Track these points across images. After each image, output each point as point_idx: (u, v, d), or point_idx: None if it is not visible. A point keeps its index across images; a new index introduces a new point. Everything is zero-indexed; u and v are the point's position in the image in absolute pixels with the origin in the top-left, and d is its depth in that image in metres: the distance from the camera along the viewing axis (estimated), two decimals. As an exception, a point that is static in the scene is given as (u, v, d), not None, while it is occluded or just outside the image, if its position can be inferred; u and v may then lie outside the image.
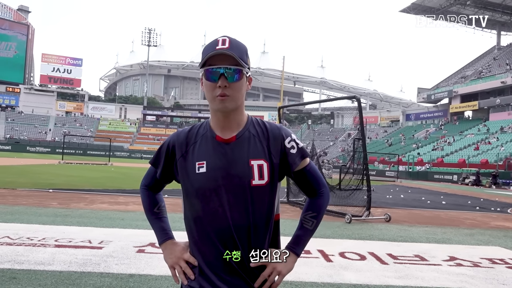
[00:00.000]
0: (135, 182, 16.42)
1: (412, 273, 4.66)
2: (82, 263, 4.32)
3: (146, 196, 1.61)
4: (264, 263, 1.40)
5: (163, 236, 1.55)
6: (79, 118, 79.94)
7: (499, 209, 13.40)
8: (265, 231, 1.45)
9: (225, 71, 1.36)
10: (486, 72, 58.58)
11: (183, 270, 1.46)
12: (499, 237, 7.76)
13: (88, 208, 8.52)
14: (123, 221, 7.20)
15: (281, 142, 1.46)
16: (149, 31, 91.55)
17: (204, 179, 1.41)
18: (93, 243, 5.27)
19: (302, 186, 1.55)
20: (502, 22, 62.53)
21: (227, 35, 1.42)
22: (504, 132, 47.34)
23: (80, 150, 59.91)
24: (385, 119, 78.55)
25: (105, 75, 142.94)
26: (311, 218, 1.51)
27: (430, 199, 16.08)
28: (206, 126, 1.49)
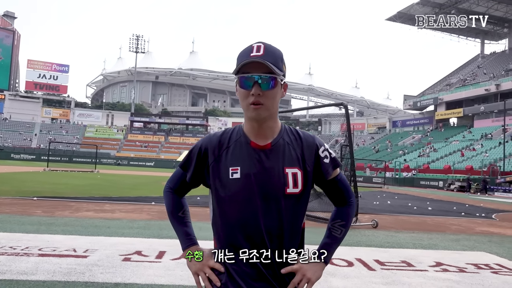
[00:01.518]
0: (121, 189, 16.25)
1: (399, 279, 4.68)
2: (66, 272, 4.24)
3: (171, 199, 1.58)
4: (294, 270, 1.40)
5: (187, 242, 1.52)
6: (65, 125, 79.01)
7: (484, 215, 13.56)
8: (295, 239, 1.45)
9: (259, 79, 1.35)
10: (471, 80, 59.61)
11: (208, 276, 1.43)
12: (484, 242, 7.85)
13: (73, 216, 8.39)
14: (109, 229, 7.10)
15: (315, 151, 1.47)
16: (137, 37, 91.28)
17: (238, 185, 1.39)
18: (78, 251, 5.19)
19: (332, 195, 1.56)
20: (485, 31, 63.80)
21: (262, 41, 1.40)
22: (488, 139, 48.12)
23: (65, 157, 59.15)
24: (372, 126, 79.26)
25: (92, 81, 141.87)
26: (340, 226, 1.52)
27: (417, 205, 16.22)
28: (239, 132, 1.48)
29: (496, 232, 9.57)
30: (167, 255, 5.24)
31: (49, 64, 79.76)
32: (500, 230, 9.98)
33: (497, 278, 5.00)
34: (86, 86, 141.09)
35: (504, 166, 35.08)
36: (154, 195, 14.34)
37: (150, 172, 40.24)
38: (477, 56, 67.81)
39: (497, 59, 61.83)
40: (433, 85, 69.63)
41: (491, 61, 63.03)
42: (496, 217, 13.12)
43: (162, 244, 5.92)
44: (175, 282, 4.10)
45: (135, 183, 21.44)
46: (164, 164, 61.49)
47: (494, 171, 35.47)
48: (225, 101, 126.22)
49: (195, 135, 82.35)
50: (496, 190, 31.14)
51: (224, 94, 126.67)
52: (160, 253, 5.34)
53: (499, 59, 61.09)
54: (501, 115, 43.68)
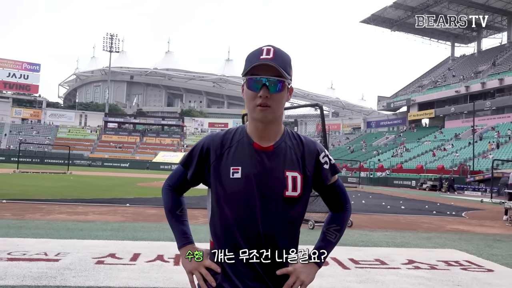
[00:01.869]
0: (95, 191, 15.94)
1: (373, 277, 4.76)
2: (37, 276, 4.14)
3: (170, 197, 1.57)
4: (288, 272, 1.41)
5: (184, 240, 1.51)
6: (36, 125, 76.93)
7: (454, 213, 13.95)
8: (291, 242, 1.46)
9: (267, 82, 1.36)
10: (442, 82, 61.22)
11: (203, 276, 1.42)
12: (454, 240, 8.07)
13: (45, 219, 8.18)
14: (81, 231, 6.96)
15: (316, 156, 1.49)
16: (111, 36, 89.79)
17: (238, 184, 1.40)
18: (49, 255, 5.06)
19: (328, 200, 1.58)
20: (455, 34, 65.63)
21: (272, 45, 1.41)
22: (459, 139, 49.51)
23: (37, 158, 57.60)
24: (347, 126, 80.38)
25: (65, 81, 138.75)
26: (334, 231, 1.55)
27: (390, 204, 16.54)
28: (242, 132, 1.48)
29: (465, 229, 9.86)
30: (142, 257, 5.17)
31: (19, 62, 77.50)
32: (469, 227, 10.28)
33: (466, 274, 5.16)
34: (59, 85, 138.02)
35: (473, 166, 36.14)
36: (129, 197, 14.13)
37: (125, 174, 39.62)
38: (448, 59, 69.68)
39: (467, 61, 63.72)
40: (406, 86, 71.16)
41: (461, 63, 64.90)
42: (466, 215, 13.52)
43: (136, 246, 5.85)
44: (150, 284, 4.05)
45: (110, 184, 21.07)
46: (140, 165, 60.67)
47: (464, 170, 36.50)
48: (201, 102, 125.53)
49: (170, 136, 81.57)
50: (466, 189, 32.06)
51: (200, 94, 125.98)
52: (134, 255, 5.26)
53: (468, 62, 62.97)
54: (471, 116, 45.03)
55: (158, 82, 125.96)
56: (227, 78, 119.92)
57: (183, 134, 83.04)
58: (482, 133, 47.40)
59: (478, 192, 30.30)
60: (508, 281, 4.93)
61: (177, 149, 74.95)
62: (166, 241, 6.31)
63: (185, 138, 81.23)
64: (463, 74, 58.16)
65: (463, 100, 54.93)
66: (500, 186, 26.23)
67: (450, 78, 60.82)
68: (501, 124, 47.94)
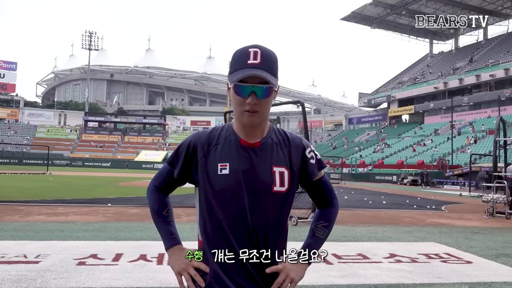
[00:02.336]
0: (76, 191, 15.68)
1: (355, 272, 4.82)
2: (16, 279, 4.05)
3: (156, 198, 1.56)
4: (278, 270, 1.41)
5: (171, 241, 1.50)
6: (13, 125, 75.23)
7: (434, 207, 14.22)
8: (279, 237, 1.46)
9: (256, 89, 1.36)
10: (421, 78, 62.21)
11: (192, 277, 1.42)
12: (434, 233, 8.23)
13: (24, 221, 8.02)
14: (62, 232, 6.85)
15: (302, 152, 1.50)
16: (90, 34, 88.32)
17: (227, 181, 1.40)
18: (28, 257, 4.97)
19: (315, 196, 1.59)
20: (434, 31, 66.72)
21: (258, 46, 1.39)
22: (438, 135, 50.45)
23: (15, 159, 56.36)
24: (329, 123, 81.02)
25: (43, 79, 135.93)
26: (322, 227, 1.55)
27: (372, 199, 16.75)
28: (229, 129, 1.49)
29: (445, 223, 10.06)
30: (124, 257, 5.12)
31: (-6, 61, 75.60)
32: (449, 221, 10.50)
33: (446, 266, 5.27)
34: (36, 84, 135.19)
35: (452, 160, 36.88)
36: (111, 196, 13.96)
37: (106, 173, 39.11)
38: (427, 56, 70.86)
39: (445, 58, 64.91)
40: (386, 83, 72.08)
41: (439, 60, 66.07)
42: (445, 209, 13.79)
43: (118, 247, 5.79)
44: (132, 284, 4.02)
45: (90, 184, 20.76)
46: (121, 165, 59.92)
47: (444, 165, 37.23)
48: (183, 100, 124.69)
49: (152, 134, 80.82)
50: (445, 183, 32.71)
51: (182, 92, 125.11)
52: (116, 255, 5.21)
53: (446, 58, 64.15)
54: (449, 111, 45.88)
55: (139, 80, 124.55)
56: (209, 75, 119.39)
57: (165, 132, 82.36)
58: (460, 128, 48.41)
59: (457, 186, 30.95)
60: (486, 272, 5.06)
61: (159, 148, 74.33)
62: (149, 241, 6.26)
63: (167, 136, 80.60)
64: (442, 71, 59.23)
65: (442, 96, 55.97)
66: (478, 179, 26.86)
67: (429, 74, 61.88)
68: (478, 119, 49.04)
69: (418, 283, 4.43)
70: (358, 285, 4.28)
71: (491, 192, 12.61)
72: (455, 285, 4.41)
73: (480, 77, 50.01)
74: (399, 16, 61.11)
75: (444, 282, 4.49)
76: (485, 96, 49.96)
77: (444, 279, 4.62)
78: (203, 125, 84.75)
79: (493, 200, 11.65)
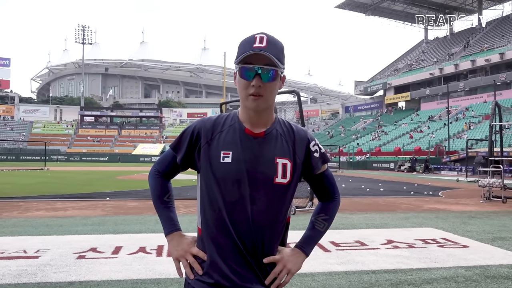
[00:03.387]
0: (74, 186, 15.69)
1: (353, 258, 4.87)
2: (16, 274, 4.08)
3: (158, 183, 1.55)
4: (276, 260, 1.42)
5: (171, 227, 1.50)
6: (9, 121, 74.98)
7: (431, 193, 14.31)
8: (279, 228, 1.46)
9: (260, 70, 1.35)
10: (416, 65, 62.17)
11: (190, 264, 1.43)
12: (431, 218, 8.30)
13: (22, 217, 8.04)
14: (61, 227, 6.87)
15: (306, 144, 1.49)
16: (83, 28, 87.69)
17: (229, 169, 1.39)
18: (28, 252, 4.99)
19: (317, 190, 1.58)
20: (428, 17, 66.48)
21: (265, 33, 1.40)
22: (434, 121, 50.57)
23: (12, 155, 56.29)
24: (326, 112, 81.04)
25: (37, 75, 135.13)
26: (323, 220, 1.55)
27: (370, 187, 16.84)
28: (234, 118, 1.47)
29: (442, 208, 10.14)
30: (124, 250, 5.15)
31: (-13, 57, 75.03)
32: (445, 206, 10.58)
33: (443, 251, 5.33)
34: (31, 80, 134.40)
35: (449, 146, 37.04)
36: (109, 190, 13.98)
37: (104, 167, 39.10)
38: (422, 42, 70.74)
39: (440, 44, 64.82)
40: (382, 70, 72.03)
41: (434, 46, 65.99)
42: (442, 194, 13.89)
43: (118, 240, 5.81)
44: (132, 276, 4.05)
45: (88, 179, 20.77)
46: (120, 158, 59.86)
47: (440, 151, 37.39)
48: (179, 92, 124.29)
49: (149, 128, 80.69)
50: (442, 169, 32.87)
51: (178, 84, 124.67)
52: (116, 248, 5.24)
53: (441, 44, 64.07)
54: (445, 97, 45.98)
55: (134, 74, 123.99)
56: (204, 67, 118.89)
57: (162, 125, 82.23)
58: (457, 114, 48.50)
59: (454, 171, 31.12)
60: (482, 255, 5.12)
61: (156, 140, 74.25)
62: (148, 233, 6.29)
63: (164, 129, 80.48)
64: (437, 57, 59.13)
65: (438, 82, 56.00)
66: (475, 165, 27.01)
67: (424, 61, 61.79)
68: (474, 104, 49.15)
69: (415, 268, 4.48)
70: (356, 271, 4.33)
71: (488, 177, 12.70)
72: (452, 269, 4.47)
73: (476, 62, 50.01)
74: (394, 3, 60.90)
75: (441, 267, 4.55)
76: (481, 81, 50.02)
77: (441, 264, 4.68)
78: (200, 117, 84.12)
79: (489, 184, 11.74)
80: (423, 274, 4.26)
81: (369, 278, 4.10)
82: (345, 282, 3.95)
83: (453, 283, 3.97)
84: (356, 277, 4.11)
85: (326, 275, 4.19)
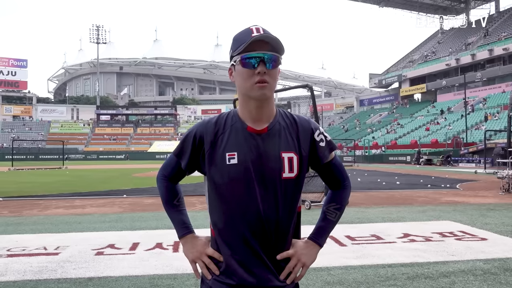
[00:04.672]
0: (91, 184, 15.94)
1: (369, 252, 4.85)
2: (37, 271, 4.18)
3: (166, 187, 1.54)
4: (289, 255, 1.41)
5: (184, 230, 1.49)
6: (28, 122, 76.41)
7: (448, 186, 14.12)
8: (291, 223, 1.44)
9: (264, 57, 1.34)
10: (432, 56, 61.14)
11: (206, 265, 1.42)
12: (448, 211, 8.20)
13: (42, 214, 8.21)
14: (80, 224, 7.00)
15: (311, 135, 1.46)
16: (97, 27, 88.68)
17: (236, 170, 1.37)
18: (48, 249, 5.10)
19: (327, 179, 1.55)
20: (444, 6, 65.33)
21: (259, 25, 1.39)
22: (451, 112, 49.75)
23: (31, 155, 57.34)
24: (340, 105, 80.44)
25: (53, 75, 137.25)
26: (334, 209, 1.52)
27: (386, 180, 16.70)
28: (234, 117, 1.44)
29: (460, 201, 10.00)
30: (141, 246, 5.23)
31: (5, 59, 76.50)
32: (463, 199, 10.43)
33: (461, 244, 5.26)
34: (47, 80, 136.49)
35: (466, 138, 36.41)
36: (126, 188, 14.16)
37: (120, 165, 39.58)
38: (437, 32, 69.46)
39: (456, 34, 63.56)
40: (397, 62, 71.06)
41: (450, 36, 64.76)
42: (460, 187, 13.69)
43: (135, 236, 5.90)
44: (149, 272, 4.11)
45: (106, 176, 21.06)
46: (135, 156, 60.56)
47: (458, 143, 36.79)
48: (193, 89, 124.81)
49: (164, 125, 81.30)
50: (460, 161, 32.36)
51: (192, 81, 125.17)
52: (133, 244, 5.31)
53: (458, 34, 62.82)
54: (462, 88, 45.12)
55: (148, 72, 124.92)
56: (217, 63, 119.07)
57: (176, 122, 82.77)
58: (474, 105, 47.61)
59: (472, 163, 30.61)
60: (501, 248, 5.04)
61: (172, 138, 74.81)
62: (164, 229, 6.36)
63: (179, 126, 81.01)
64: (453, 47, 58.07)
65: (454, 73, 55.01)
66: (494, 156, 26.51)
67: (440, 51, 60.75)
68: (492, 95, 48.17)
69: (432, 261, 4.43)
70: (372, 265, 4.31)
71: (507, 168, 12.46)
72: (470, 262, 4.41)
73: (493, 51, 48.96)
74: (408, -7, 59.86)
75: (459, 260, 4.50)
76: (499, 70, 48.97)
77: (459, 257, 4.62)
78: (214, 113, 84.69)
79: (508, 176, 11.52)
80: (440, 267, 4.22)
81: (385, 272, 4.08)
82: (361, 276, 3.94)
83: (471, 276, 3.93)
84: (372, 271, 4.09)
85: (342, 269, 4.18)
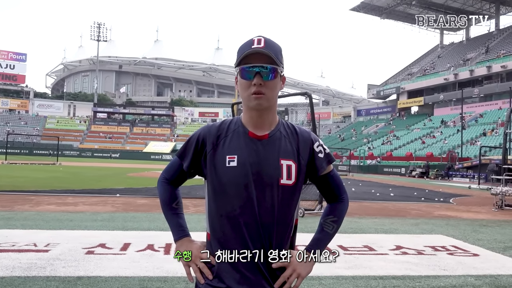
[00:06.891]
0: (85, 181, 15.86)
1: (361, 263, 4.84)
2: (26, 267, 4.13)
3: (166, 190, 1.57)
4: (285, 265, 1.42)
5: (180, 233, 1.52)
6: (24, 116, 75.98)
7: (442, 199, 14.15)
8: (287, 231, 1.46)
9: (261, 70, 1.38)
10: (430, 70, 61.52)
11: (200, 269, 1.43)
12: (441, 225, 8.21)
13: (34, 210, 8.14)
14: (71, 222, 6.95)
15: (310, 145, 1.50)
16: (98, 25, 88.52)
17: (235, 173, 1.41)
18: (38, 246, 5.05)
19: (324, 191, 1.58)
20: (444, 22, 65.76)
21: (262, 35, 1.43)
22: (447, 126, 49.99)
23: (25, 149, 57.00)
24: (338, 114, 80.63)
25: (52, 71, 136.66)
26: (331, 222, 1.54)
27: (380, 191, 16.71)
28: (237, 122, 1.50)
29: (453, 215, 10.02)
30: (132, 247, 5.19)
31: (4, 52, 76.15)
32: (456, 213, 10.45)
33: (453, 259, 5.26)
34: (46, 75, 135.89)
35: (462, 152, 36.57)
36: (119, 187, 14.09)
37: (115, 164, 39.42)
38: (437, 46, 69.91)
39: (455, 49, 64.03)
40: (396, 74, 71.39)
41: (449, 51, 65.20)
42: (453, 201, 13.72)
43: (126, 236, 5.86)
44: (140, 273, 4.08)
45: (99, 175, 20.97)
46: (130, 156, 60.35)
47: (453, 157, 36.92)
48: (191, 91, 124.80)
49: (161, 126, 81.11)
50: (455, 176, 32.48)
51: (190, 83, 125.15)
52: (124, 245, 5.28)
53: (457, 49, 63.28)
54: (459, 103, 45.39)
55: (147, 72, 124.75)
56: (217, 67, 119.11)
57: (173, 123, 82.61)
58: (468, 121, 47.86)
59: (466, 178, 30.71)
60: (492, 264, 5.05)
61: (167, 139, 74.63)
62: (156, 231, 6.33)
63: (175, 127, 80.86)
64: (452, 62, 58.48)
65: (452, 87, 55.33)
66: (488, 172, 26.62)
67: (439, 65, 61.16)
68: (488, 111, 48.45)
69: (424, 275, 4.43)
70: (363, 276, 4.30)
71: (501, 185, 12.51)
72: (461, 277, 4.41)
73: (492, 68, 49.30)
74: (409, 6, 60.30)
75: (450, 274, 4.49)
76: (496, 87, 49.28)
77: (450, 272, 4.62)
78: (211, 116, 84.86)
79: (502, 192, 11.56)
80: (432, 281, 4.21)
81: (376, 283, 4.06)
82: (352, 287, 3.93)
83: (462, 291, 3.92)
84: (364, 282, 4.08)
85: (333, 279, 4.16)
